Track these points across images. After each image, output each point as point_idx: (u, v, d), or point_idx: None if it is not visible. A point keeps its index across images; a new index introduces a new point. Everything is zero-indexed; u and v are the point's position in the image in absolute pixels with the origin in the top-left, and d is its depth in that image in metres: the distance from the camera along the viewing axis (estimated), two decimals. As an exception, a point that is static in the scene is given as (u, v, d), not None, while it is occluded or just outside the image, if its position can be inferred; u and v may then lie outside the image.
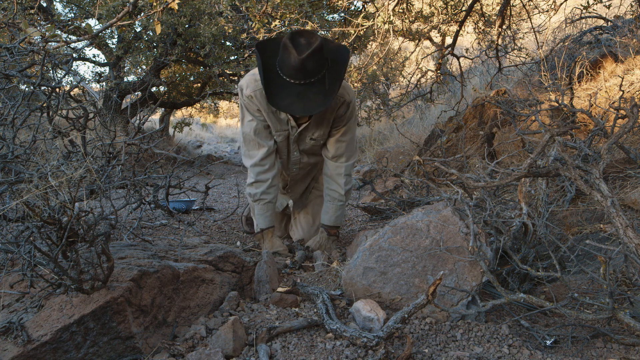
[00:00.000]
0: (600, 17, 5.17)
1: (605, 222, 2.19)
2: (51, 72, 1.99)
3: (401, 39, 6.09)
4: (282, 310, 1.70)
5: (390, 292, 1.72)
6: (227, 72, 7.14)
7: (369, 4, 4.34)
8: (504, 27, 4.70)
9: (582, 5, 4.25)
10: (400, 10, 4.24)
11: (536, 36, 4.63)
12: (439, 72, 5.23)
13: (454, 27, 4.86)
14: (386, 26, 3.52)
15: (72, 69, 4.21)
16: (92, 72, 16.83)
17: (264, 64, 2.22)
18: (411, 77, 5.81)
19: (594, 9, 4.40)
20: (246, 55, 6.75)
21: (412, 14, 4.88)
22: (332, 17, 6.15)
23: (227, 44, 6.98)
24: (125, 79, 7.30)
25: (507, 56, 5.36)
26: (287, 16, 3.54)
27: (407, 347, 1.36)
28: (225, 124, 18.96)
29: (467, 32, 6.13)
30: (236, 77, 7.39)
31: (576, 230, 2.24)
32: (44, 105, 1.87)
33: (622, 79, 2.63)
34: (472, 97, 5.53)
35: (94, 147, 2.01)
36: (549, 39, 5.75)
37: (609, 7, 4.20)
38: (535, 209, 1.98)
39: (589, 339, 1.50)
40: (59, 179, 1.34)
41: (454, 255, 1.71)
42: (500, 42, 4.80)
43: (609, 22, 5.08)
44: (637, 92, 3.45)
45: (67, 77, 2.49)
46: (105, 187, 1.88)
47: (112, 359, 1.34)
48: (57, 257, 1.25)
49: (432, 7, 5.09)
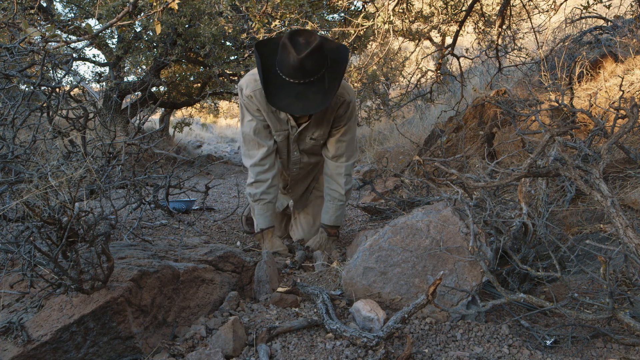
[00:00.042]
0: (600, 17, 5.17)
1: (605, 222, 2.19)
2: (51, 72, 1.99)
3: (401, 39, 6.08)
4: (282, 310, 1.70)
5: (390, 292, 1.72)
6: (227, 72, 7.14)
7: (369, 4, 4.34)
8: (504, 27, 4.70)
9: (582, 5, 4.25)
10: (400, 10, 4.24)
11: (536, 36, 4.63)
12: (439, 72, 5.22)
13: (454, 27, 4.86)
14: (386, 26, 3.52)
15: (72, 69, 4.21)
16: (92, 72, 16.84)
17: (263, 64, 2.21)
18: (411, 77, 5.81)
19: (594, 9, 4.40)
20: (246, 55, 6.75)
21: (412, 14, 4.87)
22: (332, 17, 6.15)
23: (227, 44, 6.98)
24: (125, 79, 7.30)
25: (507, 56, 5.36)
26: (287, 16, 3.54)
27: (407, 347, 1.36)
28: (225, 124, 18.96)
29: (467, 32, 6.13)
30: (236, 77, 7.39)
31: (576, 230, 2.24)
32: (44, 105, 1.87)
33: (622, 79, 2.63)
34: (472, 97, 5.53)
35: (94, 147, 2.01)
36: (549, 39, 5.75)
37: (609, 7, 4.20)
38: (535, 209, 1.98)
39: (589, 339, 1.50)
40: (59, 179, 1.34)
41: (454, 255, 1.71)
42: (500, 42, 4.80)
43: (609, 22, 5.08)
44: (637, 92, 3.45)
45: (67, 77, 2.49)
46: (105, 187, 1.88)
47: (112, 359, 1.34)
48: (57, 257, 1.25)
49: (432, 7, 5.09)
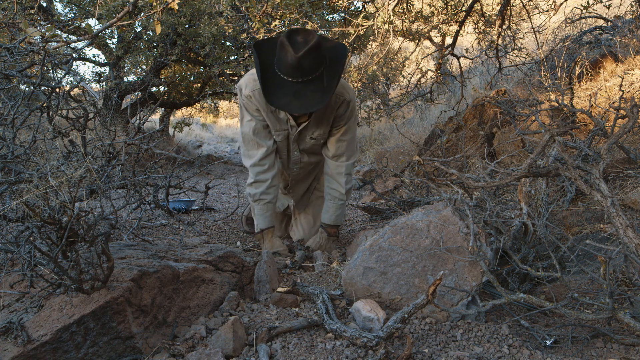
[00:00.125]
0: (600, 17, 5.17)
1: (605, 222, 2.19)
2: (51, 72, 1.99)
3: (401, 39, 6.08)
4: (282, 310, 1.70)
5: (390, 292, 1.72)
6: (227, 72, 7.14)
7: (369, 4, 4.34)
8: (504, 27, 4.70)
9: (582, 5, 4.25)
10: (400, 10, 4.24)
11: (536, 36, 4.63)
12: (439, 72, 5.22)
13: (454, 27, 4.86)
14: (386, 26, 3.52)
15: (72, 69, 4.21)
16: (92, 72, 16.86)
17: (262, 63, 2.21)
18: (411, 77, 5.80)
19: (594, 9, 4.40)
20: (246, 55, 6.76)
21: (412, 14, 4.87)
22: (332, 17, 6.15)
23: (227, 44, 6.98)
24: (125, 79, 7.30)
25: (507, 56, 5.36)
26: (287, 16, 3.54)
27: (407, 347, 1.36)
28: (225, 124, 18.96)
29: (467, 32, 6.13)
30: (236, 77, 7.39)
31: (576, 230, 2.24)
32: (44, 105, 1.87)
33: (622, 79, 2.63)
34: (472, 97, 5.53)
35: (94, 147, 2.01)
36: (549, 39, 5.75)
37: (609, 7, 4.20)
38: (535, 209, 1.98)
39: (589, 339, 1.50)
40: (59, 179, 1.34)
41: (454, 255, 1.71)
42: (500, 42, 4.80)
43: (609, 22, 5.08)
44: (637, 92, 3.45)
45: (67, 77, 2.49)
46: (105, 187, 1.88)
47: (112, 359, 1.34)
48: (57, 257, 1.25)
49: (432, 7, 5.09)
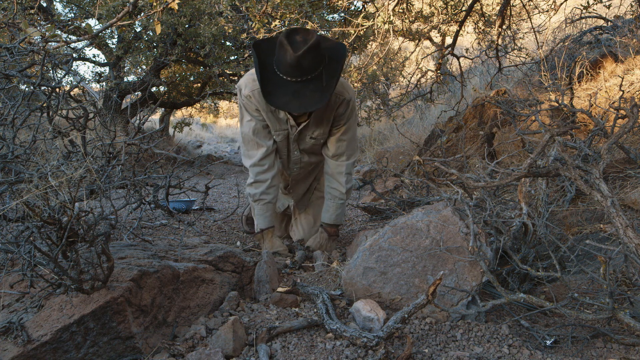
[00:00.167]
0: (600, 17, 5.17)
1: (605, 222, 2.19)
2: (51, 72, 1.99)
3: (401, 39, 6.08)
4: (282, 310, 1.70)
5: (390, 292, 1.72)
6: (227, 72, 7.14)
7: (369, 4, 4.34)
8: (504, 27, 4.70)
9: (582, 5, 4.25)
10: (400, 10, 4.24)
11: (536, 36, 4.63)
12: (439, 72, 5.22)
13: (454, 27, 4.86)
14: (386, 26, 3.52)
15: (72, 69, 4.21)
16: (92, 72, 16.86)
17: (261, 63, 2.21)
18: (411, 77, 5.80)
19: (594, 9, 4.40)
20: (246, 55, 6.76)
21: (412, 14, 4.87)
22: (332, 17, 6.15)
23: (227, 44, 6.98)
24: (125, 79, 7.30)
25: (507, 56, 5.36)
26: (287, 16, 3.54)
27: (407, 347, 1.36)
28: (225, 124, 18.96)
29: (467, 32, 6.13)
30: (236, 77, 7.39)
31: (576, 230, 2.24)
32: (44, 105, 1.87)
33: (622, 79, 2.63)
34: (472, 97, 5.53)
35: (94, 147, 2.01)
36: (549, 39, 5.75)
37: (609, 7, 4.20)
38: (535, 209, 1.98)
39: (589, 339, 1.50)
40: (59, 179, 1.34)
41: (454, 255, 1.71)
42: (500, 42, 4.80)
43: (609, 22, 5.09)
44: (637, 92, 3.45)
45: (67, 77, 2.49)
46: (105, 187, 1.88)
47: (112, 359, 1.34)
48: (57, 257, 1.25)
49: (432, 7, 5.09)
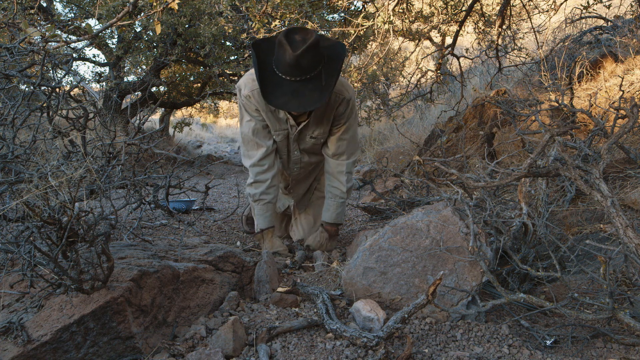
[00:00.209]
0: (600, 17, 5.17)
1: (605, 222, 2.19)
2: (51, 72, 1.99)
3: (401, 39, 6.08)
4: (282, 310, 1.70)
5: (390, 292, 1.72)
6: (227, 72, 7.14)
7: (369, 4, 4.34)
8: (504, 27, 4.70)
9: (582, 5, 4.25)
10: (400, 10, 4.24)
11: (536, 36, 4.63)
12: (439, 72, 5.22)
13: (454, 27, 4.85)
14: (386, 26, 3.52)
15: (72, 69, 4.21)
16: (92, 72, 16.86)
17: (260, 62, 2.21)
18: (411, 77, 5.80)
19: (594, 9, 4.40)
20: (246, 55, 6.75)
21: (412, 14, 4.87)
22: (332, 17, 6.15)
23: (227, 44, 6.98)
24: (125, 79, 7.30)
25: (507, 56, 5.36)
26: (287, 16, 3.54)
27: (407, 347, 1.36)
28: (225, 124, 18.96)
29: (467, 32, 6.13)
30: (236, 77, 7.40)
31: (576, 230, 2.24)
32: (44, 105, 1.87)
33: (622, 79, 2.63)
34: (472, 97, 5.53)
35: (94, 147, 2.01)
36: (549, 39, 5.75)
37: (609, 7, 4.20)
38: (535, 209, 1.98)
39: (589, 339, 1.50)
40: (59, 179, 1.34)
41: (454, 255, 1.71)
42: (500, 42, 4.80)
43: (609, 22, 5.09)
44: (637, 92, 3.45)
45: (67, 77, 2.49)
46: (105, 187, 1.88)
47: (112, 359, 1.34)
48: (57, 257, 1.25)
49: (432, 7, 5.09)
